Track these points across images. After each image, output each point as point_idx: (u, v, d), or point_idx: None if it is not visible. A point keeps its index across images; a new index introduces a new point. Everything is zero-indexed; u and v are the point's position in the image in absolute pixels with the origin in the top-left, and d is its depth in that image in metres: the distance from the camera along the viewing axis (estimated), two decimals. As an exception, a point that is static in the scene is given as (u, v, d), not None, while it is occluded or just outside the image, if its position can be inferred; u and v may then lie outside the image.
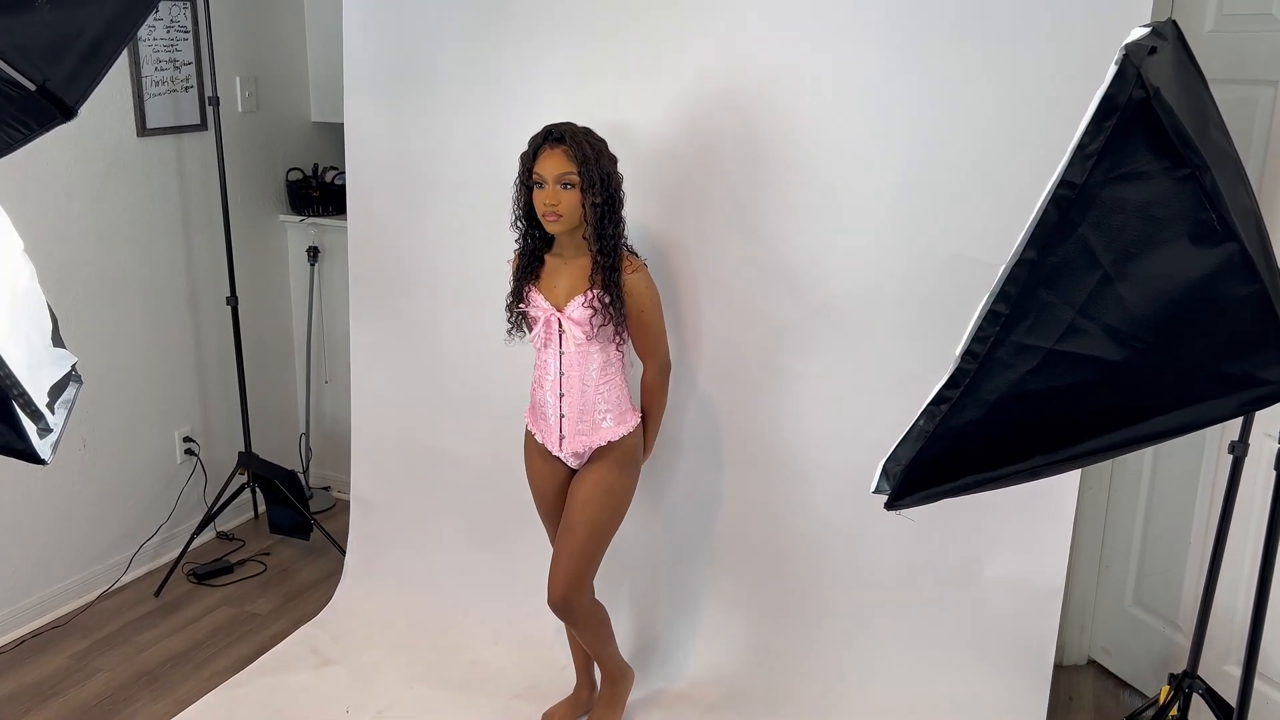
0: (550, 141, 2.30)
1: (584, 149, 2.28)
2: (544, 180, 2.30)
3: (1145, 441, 1.52)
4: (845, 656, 2.86)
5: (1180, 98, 1.37)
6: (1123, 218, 1.36)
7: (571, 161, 2.27)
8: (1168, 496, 2.79)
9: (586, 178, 2.27)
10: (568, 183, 2.29)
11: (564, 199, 2.29)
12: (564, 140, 2.29)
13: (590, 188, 2.28)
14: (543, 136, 2.32)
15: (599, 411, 2.45)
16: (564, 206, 2.30)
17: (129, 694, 2.93)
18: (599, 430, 2.46)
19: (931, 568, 2.77)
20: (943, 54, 2.49)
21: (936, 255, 2.57)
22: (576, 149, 2.27)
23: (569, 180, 2.28)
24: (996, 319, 1.42)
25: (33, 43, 1.48)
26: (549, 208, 2.30)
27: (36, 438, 1.74)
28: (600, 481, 2.46)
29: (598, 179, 2.28)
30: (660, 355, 2.50)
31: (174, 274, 3.61)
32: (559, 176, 2.28)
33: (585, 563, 2.47)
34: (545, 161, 2.30)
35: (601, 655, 2.65)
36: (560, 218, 2.31)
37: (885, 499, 1.58)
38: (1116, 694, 2.94)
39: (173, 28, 3.46)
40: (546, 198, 2.30)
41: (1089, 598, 3.01)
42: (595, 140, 2.34)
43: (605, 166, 2.32)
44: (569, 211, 2.30)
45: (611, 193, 2.33)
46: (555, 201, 2.29)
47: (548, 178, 2.29)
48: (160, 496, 3.65)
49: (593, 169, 2.28)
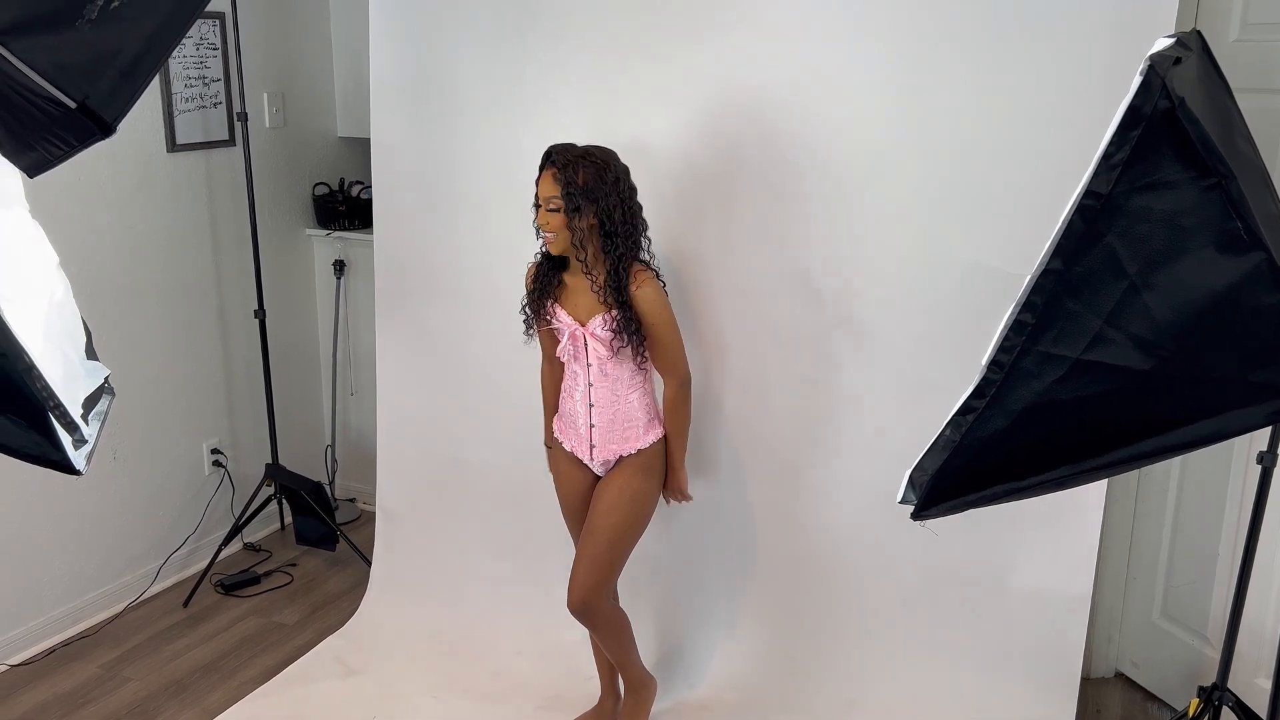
0: (547, 164, 2.34)
1: (569, 172, 2.29)
2: (540, 202, 2.35)
3: (1172, 451, 1.52)
4: (869, 667, 2.85)
5: (1205, 107, 1.38)
6: (1149, 227, 1.36)
7: (557, 184, 2.30)
8: (1195, 507, 2.77)
9: (570, 201, 2.29)
10: (554, 206, 2.32)
11: (551, 221, 2.34)
12: (553, 164, 2.32)
13: (574, 211, 2.30)
14: (544, 158, 2.36)
15: (628, 421, 2.48)
16: (552, 228, 2.34)
17: (158, 703, 2.96)
18: (628, 440, 2.49)
19: (956, 578, 2.76)
20: (965, 64, 2.49)
21: (958, 265, 2.57)
22: (562, 172, 2.29)
23: (555, 204, 2.32)
24: (1022, 329, 1.43)
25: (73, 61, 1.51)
26: (543, 227, 2.36)
27: (72, 449, 1.77)
28: (625, 488, 2.49)
29: (581, 202, 2.29)
30: (679, 371, 2.49)
31: (203, 287, 3.65)
32: (547, 199, 2.33)
33: (606, 568, 2.49)
34: (541, 184, 2.35)
35: (624, 662, 2.65)
36: (554, 237, 2.35)
37: (911, 509, 1.59)
38: (1145, 707, 2.92)
39: (202, 45, 3.50)
40: (540, 219, 2.36)
41: (1116, 609, 2.99)
42: (595, 160, 2.32)
43: (596, 192, 2.30)
44: (557, 233, 2.34)
45: (612, 212, 2.32)
46: (544, 223, 2.35)
47: (541, 200, 2.35)
48: (188, 508, 3.68)
49: (576, 193, 2.28)
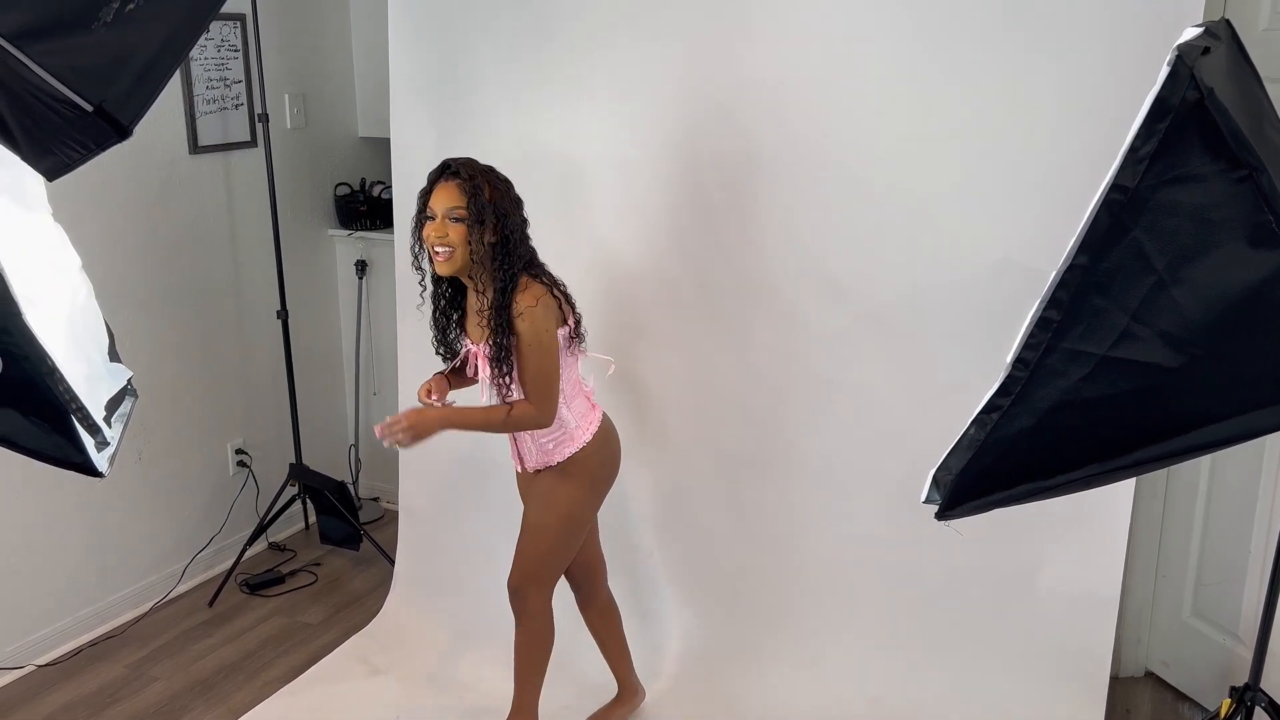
0: (446, 175, 2.27)
1: (476, 183, 2.24)
2: (434, 213, 2.27)
3: (1202, 450, 1.50)
4: (895, 668, 2.83)
5: (1235, 98, 1.35)
6: (1177, 221, 1.34)
7: (462, 195, 2.24)
8: (1226, 505, 2.73)
9: (474, 212, 2.23)
10: (457, 216, 2.24)
11: (451, 233, 2.25)
12: (458, 174, 2.26)
13: (478, 223, 2.24)
14: (439, 170, 2.29)
15: (548, 434, 2.44)
16: (450, 242, 2.25)
17: (184, 703, 2.98)
18: (548, 453, 2.47)
19: (983, 578, 2.74)
20: (989, 57, 2.46)
21: (982, 261, 2.54)
22: (469, 184, 2.24)
23: (458, 213, 2.24)
24: (1048, 326, 1.41)
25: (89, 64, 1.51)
26: (438, 239, 2.26)
27: (94, 451, 1.78)
28: (546, 496, 2.50)
29: (490, 217, 2.24)
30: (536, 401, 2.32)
31: (225, 288, 3.67)
32: (449, 209, 2.25)
33: (534, 564, 2.52)
34: (438, 195, 2.27)
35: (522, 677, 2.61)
36: (451, 251, 2.25)
37: (936, 509, 1.57)
38: (1175, 707, 2.88)
39: (223, 47, 3.52)
40: (435, 230, 2.26)
41: (1145, 608, 2.95)
42: (496, 180, 2.29)
43: (502, 206, 2.27)
44: (458, 246, 2.26)
45: (507, 234, 2.27)
46: (443, 233, 2.25)
47: (438, 211, 2.26)
48: (213, 508, 3.70)
49: (484, 205, 2.24)
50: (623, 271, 2.89)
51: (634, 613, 3.10)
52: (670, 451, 3.01)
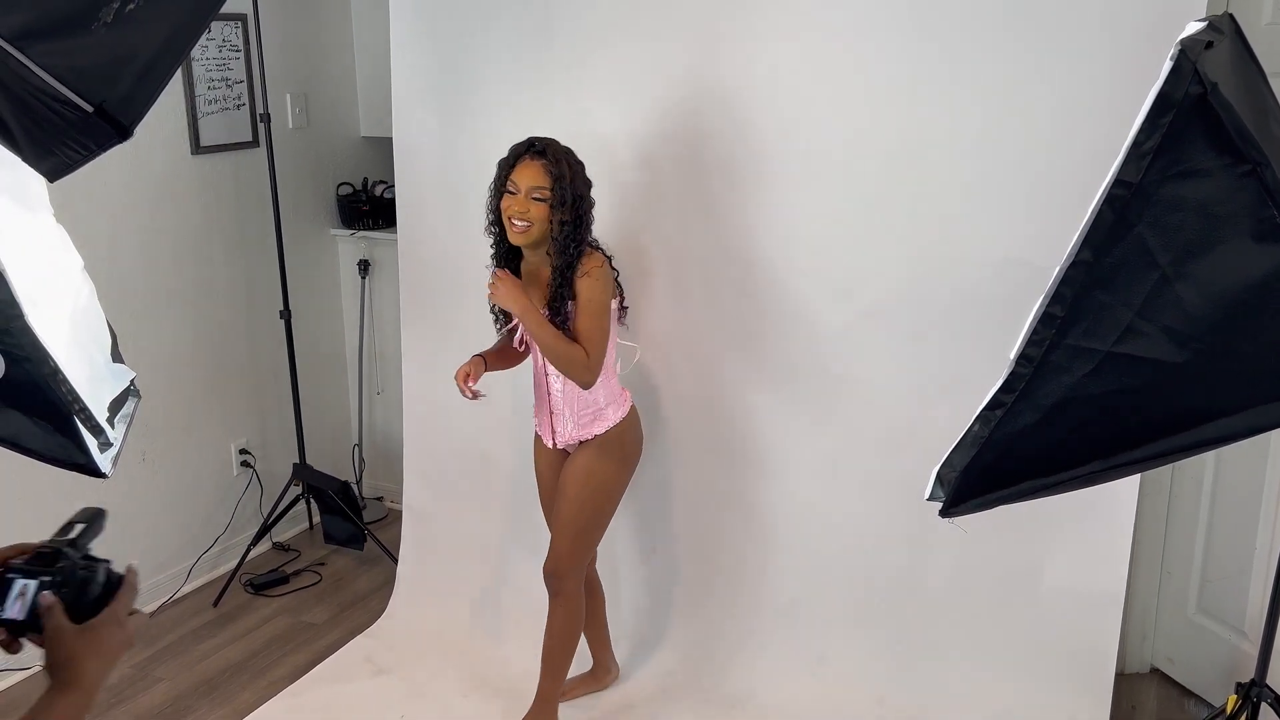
0: (531, 153, 2.35)
1: (561, 166, 2.33)
2: (517, 189, 2.35)
3: (1207, 446, 1.49)
4: (900, 665, 2.82)
5: (1239, 92, 1.34)
6: (1181, 216, 1.33)
7: (547, 176, 2.32)
8: (1231, 501, 2.72)
9: (558, 194, 2.32)
10: (540, 196, 2.33)
11: (533, 210, 2.34)
12: (544, 154, 2.34)
13: (560, 205, 2.33)
14: (524, 146, 2.37)
15: (586, 407, 2.53)
16: (531, 217, 2.34)
17: (189, 703, 2.98)
18: (588, 424, 2.55)
19: (988, 575, 2.73)
20: (991, 54, 2.46)
21: (985, 257, 2.54)
22: (554, 165, 2.32)
23: (541, 194, 2.33)
24: (1052, 322, 1.40)
25: (89, 64, 1.51)
26: (518, 214, 2.35)
27: (97, 452, 1.77)
28: (584, 470, 2.56)
29: (570, 198, 2.33)
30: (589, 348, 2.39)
31: (228, 289, 3.67)
32: (532, 189, 2.33)
33: (572, 542, 2.57)
34: (522, 171, 2.35)
35: (556, 650, 2.66)
36: (529, 226, 2.35)
37: (940, 506, 1.56)
38: (1181, 703, 2.88)
39: (224, 47, 3.52)
40: (517, 205, 2.35)
41: (1150, 605, 2.94)
42: (574, 161, 2.38)
43: (579, 188, 2.36)
44: (537, 223, 2.35)
45: (581, 214, 2.37)
46: (524, 211, 2.34)
47: (521, 187, 2.35)
48: (217, 508, 3.70)
49: (566, 187, 2.32)
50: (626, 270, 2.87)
51: (635, 608, 3.10)
52: (673, 448, 3.01)
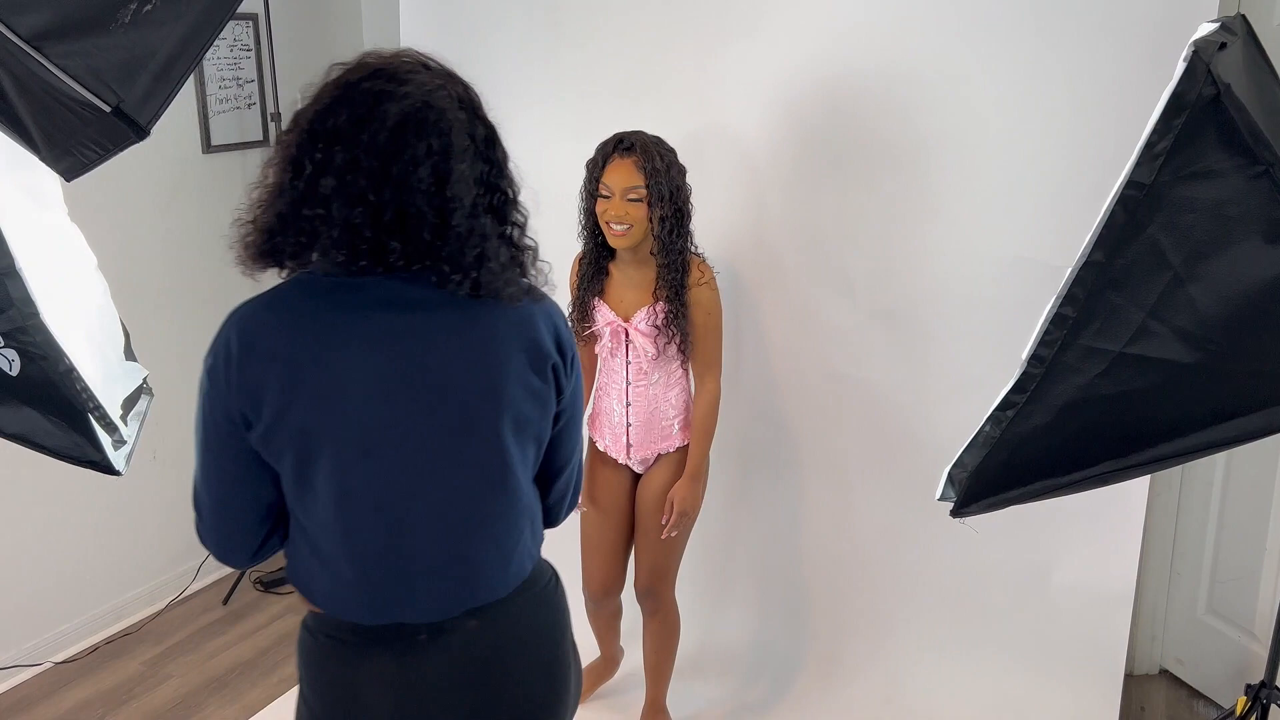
0: (620, 151, 2.20)
1: (654, 160, 2.17)
2: (611, 191, 2.21)
3: (1218, 447, 1.49)
4: (909, 665, 2.82)
5: (1251, 93, 1.35)
6: (1193, 217, 1.33)
7: (640, 173, 2.17)
8: (1241, 502, 2.72)
9: (655, 191, 2.17)
10: (636, 196, 2.19)
11: (631, 212, 2.20)
12: (634, 150, 2.19)
13: (659, 201, 2.18)
14: (613, 145, 2.22)
15: (666, 419, 2.41)
16: (632, 219, 2.20)
17: (199, 700, 2.99)
18: (666, 438, 2.43)
19: (998, 575, 2.73)
20: (1004, 54, 2.46)
21: (997, 258, 2.54)
22: (646, 160, 2.17)
23: (637, 194, 2.19)
24: (1064, 322, 1.40)
25: (106, 65, 1.52)
26: (616, 219, 2.21)
27: (111, 449, 1.79)
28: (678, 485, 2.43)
29: (667, 192, 2.18)
30: (718, 373, 2.38)
31: (239, 288, 3.66)
32: (627, 189, 2.19)
33: (669, 559, 2.49)
34: (613, 172, 2.20)
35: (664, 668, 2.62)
36: (629, 229, 2.21)
37: (950, 507, 1.57)
38: (1190, 704, 2.87)
39: (235, 46, 3.53)
40: (613, 209, 2.21)
41: (1160, 606, 2.94)
42: (665, 150, 2.23)
43: (675, 179, 2.21)
44: (637, 224, 2.21)
45: (680, 205, 2.23)
46: (622, 214, 2.20)
47: (615, 189, 2.20)
48: (227, 506, 3.71)
49: (662, 182, 2.17)
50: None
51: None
52: (683, 449, 3.01)
